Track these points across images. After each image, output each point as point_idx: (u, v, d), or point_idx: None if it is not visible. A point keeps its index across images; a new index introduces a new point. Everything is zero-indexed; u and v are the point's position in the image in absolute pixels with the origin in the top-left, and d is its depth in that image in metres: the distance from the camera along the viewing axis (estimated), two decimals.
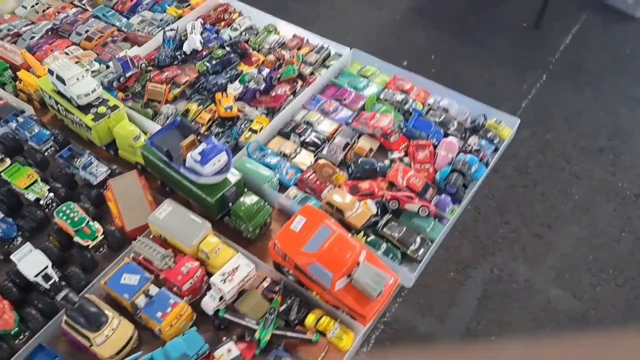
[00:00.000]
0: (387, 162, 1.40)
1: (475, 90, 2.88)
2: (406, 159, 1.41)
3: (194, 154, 1.10)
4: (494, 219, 2.56)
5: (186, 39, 1.56)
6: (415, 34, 3.40)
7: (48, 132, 1.27)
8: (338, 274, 1.08)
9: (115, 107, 1.27)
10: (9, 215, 1.12)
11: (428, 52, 3.25)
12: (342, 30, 3.42)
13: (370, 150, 1.42)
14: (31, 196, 1.17)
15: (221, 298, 1.07)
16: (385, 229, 1.26)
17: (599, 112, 2.91)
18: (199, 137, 1.18)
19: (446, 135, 1.47)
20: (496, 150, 1.45)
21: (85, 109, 1.25)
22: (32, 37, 1.52)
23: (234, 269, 1.08)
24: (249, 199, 1.18)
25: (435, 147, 1.42)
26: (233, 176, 1.19)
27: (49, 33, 1.56)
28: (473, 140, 1.46)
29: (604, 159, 2.72)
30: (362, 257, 1.12)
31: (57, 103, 1.28)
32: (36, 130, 1.27)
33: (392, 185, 1.34)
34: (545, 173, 2.69)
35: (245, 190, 1.22)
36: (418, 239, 1.25)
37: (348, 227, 1.24)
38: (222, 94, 1.45)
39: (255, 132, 1.38)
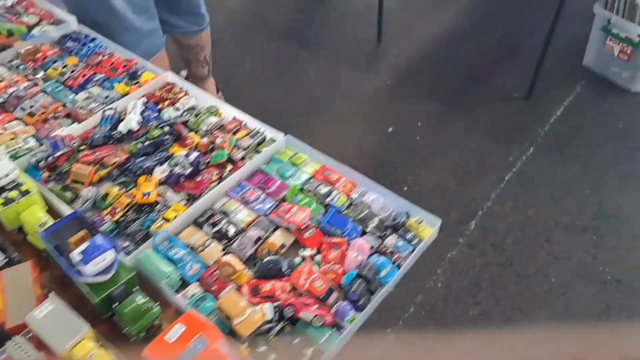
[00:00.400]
0: (297, 259, 1.35)
1: (460, 159, 2.87)
2: (318, 257, 1.36)
3: (75, 254, 1.10)
4: (464, 299, 2.47)
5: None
6: (404, 100, 3.38)
7: None
8: None
9: (27, 192, 1.27)
10: None
11: (415, 119, 3.22)
12: (330, 95, 3.44)
13: (283, 246, 1.37)
14: None
15: None
16: (276, 339, 1.19)
17: (585, 189, 2.80)
18: (91, 232, 1.18)
19: (364, 232, 1.40)
20: (413, 251, 1.40)
21: None
22: None
23: None
24: (137, 299, 1.15)
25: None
26: (125, 273, 1.17)
27: None
28: (390, 240, 1.40)
29: (586, 239, 2.60)
30: None
31: None
32: None
33: (294, 288, 1.29)
34: (523, 251, 2.59)
35: (137, 288, 1.21)
36: (309, 352, 1.18)
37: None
38: (146, 178, 1.43)
39: (167, 220, 1.37)
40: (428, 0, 4.15)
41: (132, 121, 1.55)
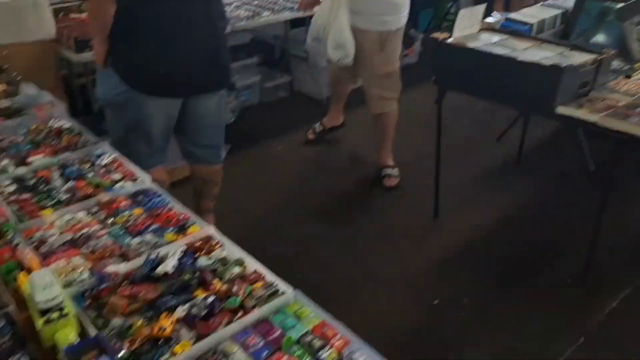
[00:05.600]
0: None
1: (500, 343, 2.84)
2: None
3: None
4: None
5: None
6: (453, 276, 3.47)
7: (9, 329, 1.55)
8: None
9: (65, 315, 1.52)
10: None
11: (462, 295, 3.28)
12: (379, 262, 3.61)
13: None
14: None
15: None
16: None
17: None
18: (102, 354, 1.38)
19: None
20: None
21: (42, 313, 1.50)
22: (52, 245, 1.91)
23: None
24: None
25: None
26: None
27: (67, 243, 1.93)
28: None
29: None
30: None
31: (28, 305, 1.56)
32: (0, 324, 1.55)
33: None
34: None
35: None
36: None
37: None
38: (167, 314, 1.66)
39: (174, 354, 1.54)
40: (485, 186, 4.45)
41: (168, 265, 1.82)
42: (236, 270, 1.91)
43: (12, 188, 2.31)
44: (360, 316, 1.68)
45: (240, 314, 1.74)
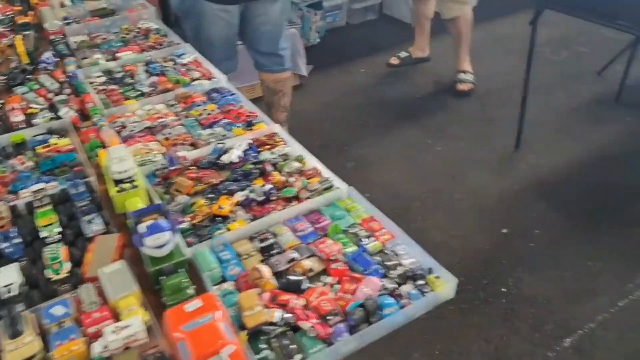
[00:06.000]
0: (318, 284, 1.52)
1: (571, 274, 2.82)
2: (337, 287, 1.52)
3: (142, 226, 1.43)
4: None
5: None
6: (527, 207, 3.36)
7: (88, 195, 1.71)
8: (196, 356, 1.22)
9: (136, 187, 1.68)
10: (22, 243, 1.52)
11: (534, 226, 3.19)
12: (451, 187, 3.54)
13: (311, 270, 1.56)
14: (43, 234, 1.57)
15: (106, 346, 1.27)
16: (273, 338, 1.37)
17: None
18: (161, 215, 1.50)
19: (384, 276, 1.54)
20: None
21: (116, 182, 1.68)
22: (132, 130, 2.08)
23: (126, 326, 1.29)
24: (181, 278, 1.42)
25: None
26: (179, 256, 1.46)
27: (145, 129, 2.09)
28: (406, 288, 1.51)
29: None
30: (226, 351, 1.23)
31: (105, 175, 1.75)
32: (81, 190, 1.73)
33: (307, 306, 1.44)
34: None
35: (184, 271, 1.46)
36: (298, 358, 1.32)
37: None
38: (227, 197, 1.79)
39: (229, 230, 1.67)
40: (581, 122, 4.15)
41: (233, 155, 1.95)
42: (295, 165, 1.99)
43: (102, 79, 2.51)
44: (422, 237, 1.69)
45: (294, 203, 1.83)
